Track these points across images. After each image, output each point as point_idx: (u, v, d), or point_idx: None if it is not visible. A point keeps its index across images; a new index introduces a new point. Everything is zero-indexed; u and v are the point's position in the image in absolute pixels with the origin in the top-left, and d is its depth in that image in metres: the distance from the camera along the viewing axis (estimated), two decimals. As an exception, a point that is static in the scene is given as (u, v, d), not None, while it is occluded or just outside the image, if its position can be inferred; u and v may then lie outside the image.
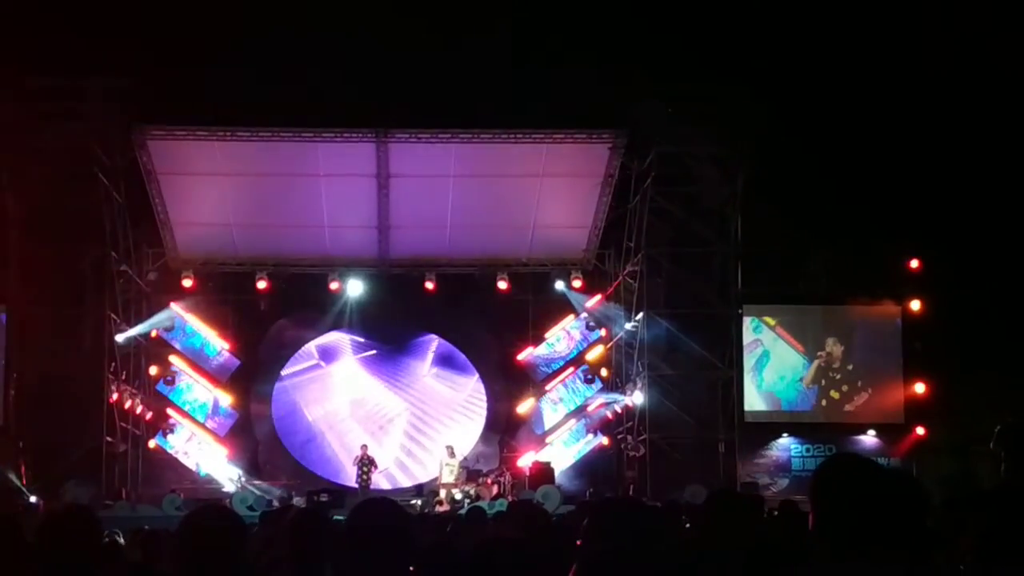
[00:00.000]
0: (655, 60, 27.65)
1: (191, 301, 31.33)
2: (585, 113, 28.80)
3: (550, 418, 32.40)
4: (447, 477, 28.61)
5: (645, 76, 27.50)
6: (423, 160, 29.23)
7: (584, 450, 32.04)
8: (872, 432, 29.21)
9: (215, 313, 31.95)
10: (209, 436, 31.50)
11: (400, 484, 31.26)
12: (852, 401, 29.28)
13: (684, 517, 11.09)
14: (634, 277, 29.74)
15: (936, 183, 27.45)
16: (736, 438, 28.72)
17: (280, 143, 28.84)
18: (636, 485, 28.74)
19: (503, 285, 31.42)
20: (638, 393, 29.19)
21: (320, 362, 32.79)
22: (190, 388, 31.72)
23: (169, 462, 31.10)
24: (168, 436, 31.15)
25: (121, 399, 29.00)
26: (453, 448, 29.36)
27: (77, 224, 27.70)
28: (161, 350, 31.35)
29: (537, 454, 30.95)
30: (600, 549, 4.60)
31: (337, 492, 27.83)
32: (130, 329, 29.74)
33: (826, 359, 29.35)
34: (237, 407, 31.99)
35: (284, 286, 31.37)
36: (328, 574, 5.32)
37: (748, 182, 28.20)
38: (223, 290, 31.89)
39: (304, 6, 27.75)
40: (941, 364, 28.56)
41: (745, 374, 28.99)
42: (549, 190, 29.85)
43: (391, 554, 4.43)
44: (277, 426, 32.22)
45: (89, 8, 26.32)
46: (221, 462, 31.12)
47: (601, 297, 31.95)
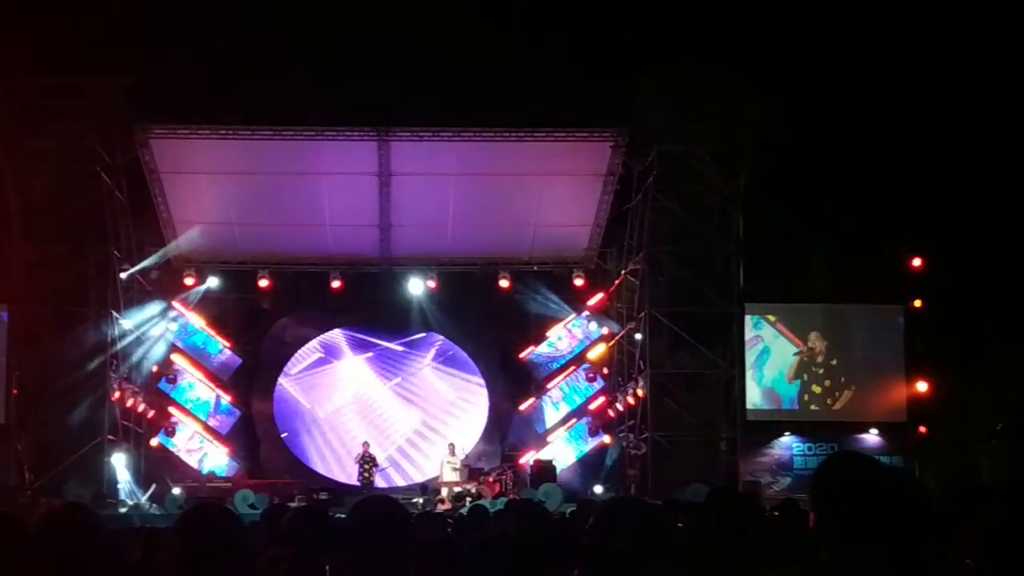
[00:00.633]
0: (656, 58, 27.62)
1: (193, 299, 31.38)
2: (587, 112, 28.78)
3: (551, 416, 32.42)
4: (449, 475, 28.60)
5: (647, 74, 27.48)
6: (424, 158, 29.24)
7: (586, 449, 32.05)
8: (874, 430, 29.16)
9: (217, 311, 31.99)
10: (211, 435, 31.53)
11: (401, 482, 31.28)
12: (836, 398, 29.16)
13: (679, 516, 11.07)
14: (636, 275, 29.74)
15: (939, 181, 27.42)
16: (738, 436, 28.70)
17: (282, 141, 28.85)
18: (638, 483, 28.74)
19: (505, 283, 31.45)
20: (639, 391, 29.18)
21: (322, 361, 32.79)
22: (192, 387, 31.74)
23: (171, 460, 31.11)
24: (170, 435, 31.17)
25: (123, 397, 29.00)
26: (455, 446, 29.35)
27: (79, 223, 27.70)
28: (163, 349, 31.34)
29: (538, 452, 30.98)
30: (607, 549, 4.59)
31: (336, 490, 27.88)
32: (129, 326, 29.69)
33: (808, 353, 29.28)
34: (239, 405, 32.03)
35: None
36: (328, 572, 5.31)
37: (750, 180, 28.17)
38: (225, 288, 31.91)
39: (305, 5, 27.73)
40: (943, 362, 28.54)
41: (746, 370, 28.96)
42: (551, 189, 29.85)
43: (391, 552, 4.43)
44: (279, 424, 32.23)
45: (91, 6, 26.30)
46: (223, 460, 31.16)
47: (603, 296, 31.97)
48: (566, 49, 27.92)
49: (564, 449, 31.83)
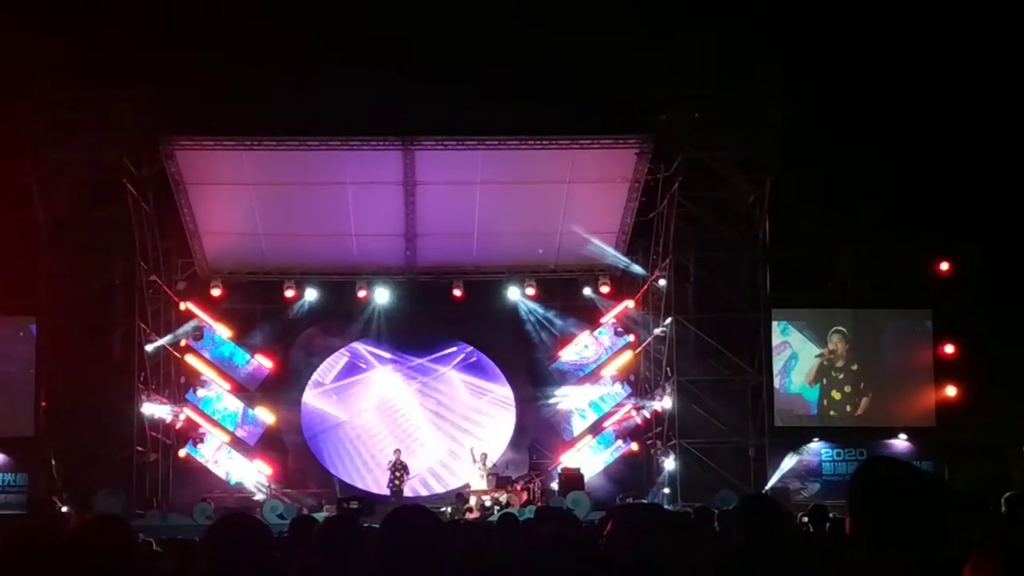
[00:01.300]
0: (680, 65, 27.61)
1: (220, 310, 31.48)
2: (611, 119, 28.76)
3: (579, 424, 32.36)
4: (477, 484, 28.59)
5: (671, 81, 27.46)
6: (449, 167, 29.26)
7: (613, 456, 31.99)
8: (903, 435, 29.00)
9: (244, 322, 32.06)
10: (239, 445, 31.58)
11: (430, 491, 31.26)
12: (857, 404, 28.99)
13: (716, 522, 11.05)
14: (662, 282, 29.67)
15: (967, 183, 27.31)
16: (766, 443, 28.60)
17: (307, 152, 28.90)
18: (666, 491, 28.68)
19: (531, 291, 31.46)
20: (667, 398, 29.12)
21: (349, 371, 32.81)
22: (220, 397, 31.80)
23: (199, 471, 31.18)
24: (198, 445, 31.24)
25: (151, 409, 29.04)
26: (486, 456, 29.32)
27: (106, 234, 27.81)
28: (190, 360, 31.42)
29: (566, 460, 30.92)
30: (627, 555, 4.57)
31: (367, 500, 27.86)
32: (159, 339, 29.80)
33: (828, 356, 29.12)
34: (266, 416, 32.06)
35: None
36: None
37: (775, 185, 28.09)
38: (252, 299, 31.98)
39: (330, 15, 27.79)
40: (972, 367, 28.38)
41: (774, 377, 28.83)
42: (576, 196, 29.83)
43: (424, 562, 4.41)
44: (306, 434, 32.26)
45: (116, 19, 26.43)
46: (251, 471, 31.21)
47: (629, 303, 31.91)
48: (591, 57, 27.89)
49: (592, 457, 31.77)
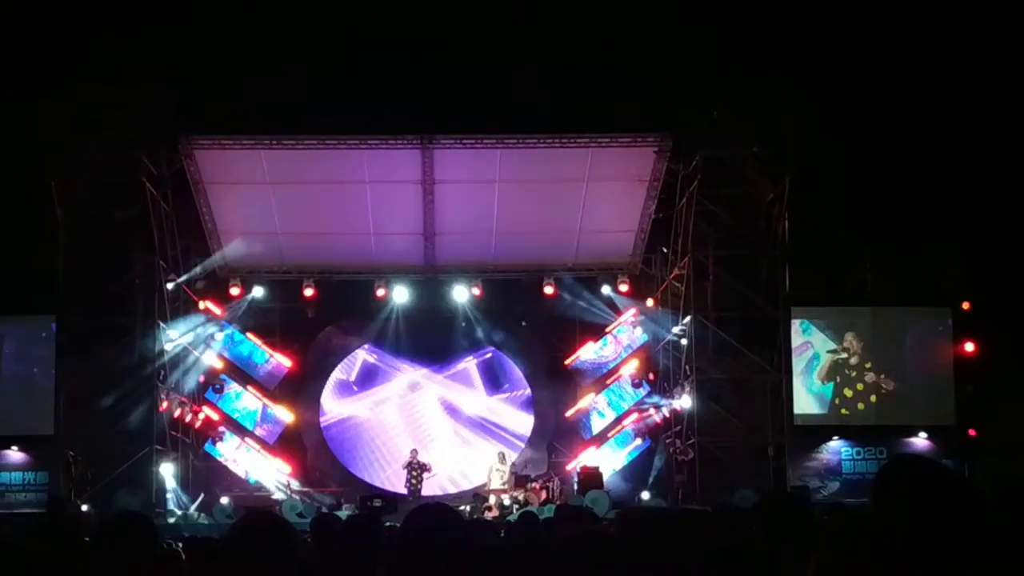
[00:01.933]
0: (699, 62, 27.54)
1: (239, 309, 31.55)
2: (630, 117, 28.71)
3: (598, 423, 32.35)
4: (496, 483, 28.60)
5: (689, 79, 27.40)
6: (468, 166, 29.28)
7: (632, 455, 31.96)
8: (923, 434, 28.93)
9: (263, 321, 32.12)
10: (258, 444, 31.64)
11: (448, 490, 31.26)
12: (870, 402, 28.89)
13: (736, 521, 11.01)
14: (681, 280, 29.61)
15: (986, 181, 27.21)
16: (785, 441, 28.52)
17: (325, 151, 28.93)
18: (685, 489, 28.63)
19: (549, 290, 31.45)
20: (686, 397, 29.07)
21: (367, 369, 32.84)
22: (239, 396, 31.87)
23: (218, 470, 31.25)
24: (217, 444, 31.31)
25: (170, 407, 29.13)
26: (504, 454, 29.32)
27: (125, 233, 27.83)
28: (209, 360, 31.48)
29: (585, 459, 30.90)
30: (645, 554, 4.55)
31: (389, 499, 27.88)
32: (178, 338, 29.84)
33: (841, 353, 28.99)
34: (285, 414, 32.10)
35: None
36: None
37: (794, 183, 28.01)
38: (270, 298, 32.03)
39: (349, 14, 27.78)
40: (993, 365, 28.30)
41: (796, 377, 28.75)
42: (594, 194, 29.79)
43: (446, 558, 4.40)
44: (325, 433, 32.31)
45: (135, 17, 26.46)
46: (270, 470, 31.26)
47: (648, 301, 31.88)
48: (608, 54, 27.85)
49: (610, 455, 31.75)
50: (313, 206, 30.07)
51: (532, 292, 31.59)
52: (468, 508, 27.06)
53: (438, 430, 32.48)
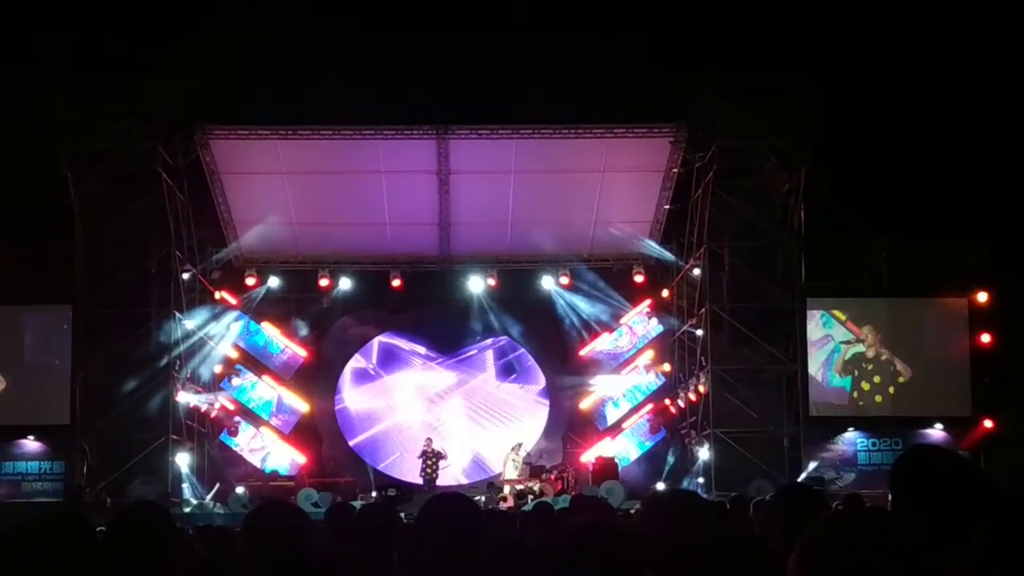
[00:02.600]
0: (714, 53, 27.52)
1: (254, 299, 31.59)
2: (645, 107, 28.69)
3: (613, 413, 32.35)
4: (511, 473, 28.59)
5: (705, 69, 27.36)
6: (483, 156, 29.26)
7: (647, 445, 31.95)
8: (939, 425, 28.83)
9: (278, 311, 32.16)
10: (274, 434, 31.68)
11: (462, 480, 31.29)
12: (889, 394, 28.80)
13: (751, 511, 11.01)
14: (696, 271, 29.59)
15: (1002, 171, 27.14)
16: (801, 432, 28.47)
17: (341, 141, 28.94)
18: (701, 480, 28.62)
19: (564, 280, 31.45)
20: (701, 387, 29.04)
21: (383, 359, 32.86)
22: (254, 386, 31.92)
23: (234, 460, 31.31)
24: (233, 434, 31.36)
25: (186, 397, 29.17)
26: (521, 445, 29.30)
27: (141, 224, 27.89)
28: (225, 348, 31.54)
29: (600, 450, 30.89)
30: (662, 542, 4.53)
31: (405, 488, 27.92)
32: (192, 326, 29.87)
33: (855, 344, 28.88)
34: (301, 404, 32.14)
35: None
36: (396, 568, 5.30)
37: (810, 174, 27.95)
38: (286, 288, 32.07)
39: (365, 4, 27.81)
40: (1009, 355, 28.20)
41: (816, 369, 28.63)
42: (610, 185, 29.78)
43: (463, 549, 4.40)
44: (341, 423, 32.33)
45: (151, 9, 26.52)
46: (285, 459, 31.31)
47: (664, 292, 31.86)
48: (625, 45, 27.83)
49: (626, 446, 31.75)
50: (328, 196, 30.09)
51: (548, 282, 31.62)
52: (483, 498, 27.06)
53: (453, 420, 32.45)
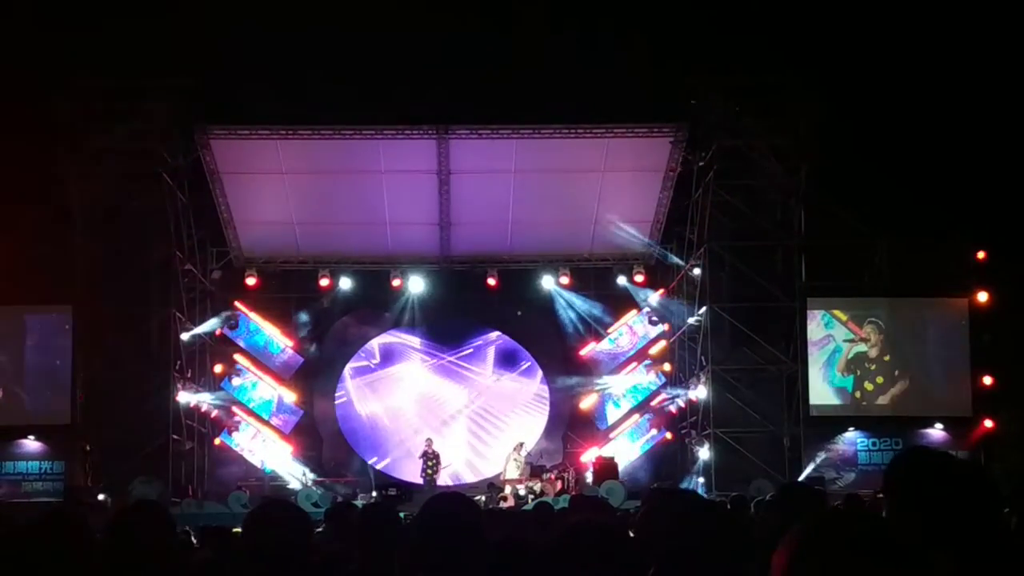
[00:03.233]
0: (715, 53, 27.53)
1: (254, 299, 31.59)
2: (646, 107, 28.71)
3: (613, 413, 32.35)
4: (511, 473, 28.58)
5: (705, 70, 27.38)
6: (484, 156, 29.26)
7: (648, 445, 31.95)
8: (939, 425, 28.84)
9: (278, 311, 32.16)
10: (274, 433, 31.69)
11: (463, 480, 31.30)
12: (889, 394, 28.78)
13: (752, 511, 11.02)
14: (696, 271, 29.61)
15: (1002, 172, 27.13)
16: (801, 432, 28.48)
17: (341, 141, 28.95)
18: (701, 479, 28.64)
19: (565, 280, 31.47)
20: (701, 387, 29.06)
21: (383, 360, 32.88)
22: (255, 386, 31.92)
23: (234, 459, 31.32)
24: (233, 434, 31.37)
25: (186, 397, 29.18)
26: (523, 445, 29.28)
27: (142, 224, 27.89)
28: (226, 348, 31.56)
29: (601, 449, 30.90)
30: (661, 541, 4.54)
31: (405, 488, 27.94)
32: (194, 327, 29.93)
33: (857, 344, 28.85)
34: (301, 404, 32.17)
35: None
36: (397, 568, 5.30)
37: (810, 174, 27.97)
38: (286, 288, 32.09)
39: (365, 5, 27.80)
40: (1010, 356, 28.20)
41: (817, 369, 28.63)
42: (610, 185, 29.79)
43: (464, 549, 4.40)
44: (341, 423, 32.35)
45: (152, 8, 26.52)
46: (286, 459, 31.31)
47: (664, 291, 31.87)
48: (625, 45, 27.85)
49: (626, 446, 31.75)
50: (329, 196, 30.11)
51: (547, 282, 31.62)
52: (483, 498, 27.06)
53: (453, 420, 32.45)
